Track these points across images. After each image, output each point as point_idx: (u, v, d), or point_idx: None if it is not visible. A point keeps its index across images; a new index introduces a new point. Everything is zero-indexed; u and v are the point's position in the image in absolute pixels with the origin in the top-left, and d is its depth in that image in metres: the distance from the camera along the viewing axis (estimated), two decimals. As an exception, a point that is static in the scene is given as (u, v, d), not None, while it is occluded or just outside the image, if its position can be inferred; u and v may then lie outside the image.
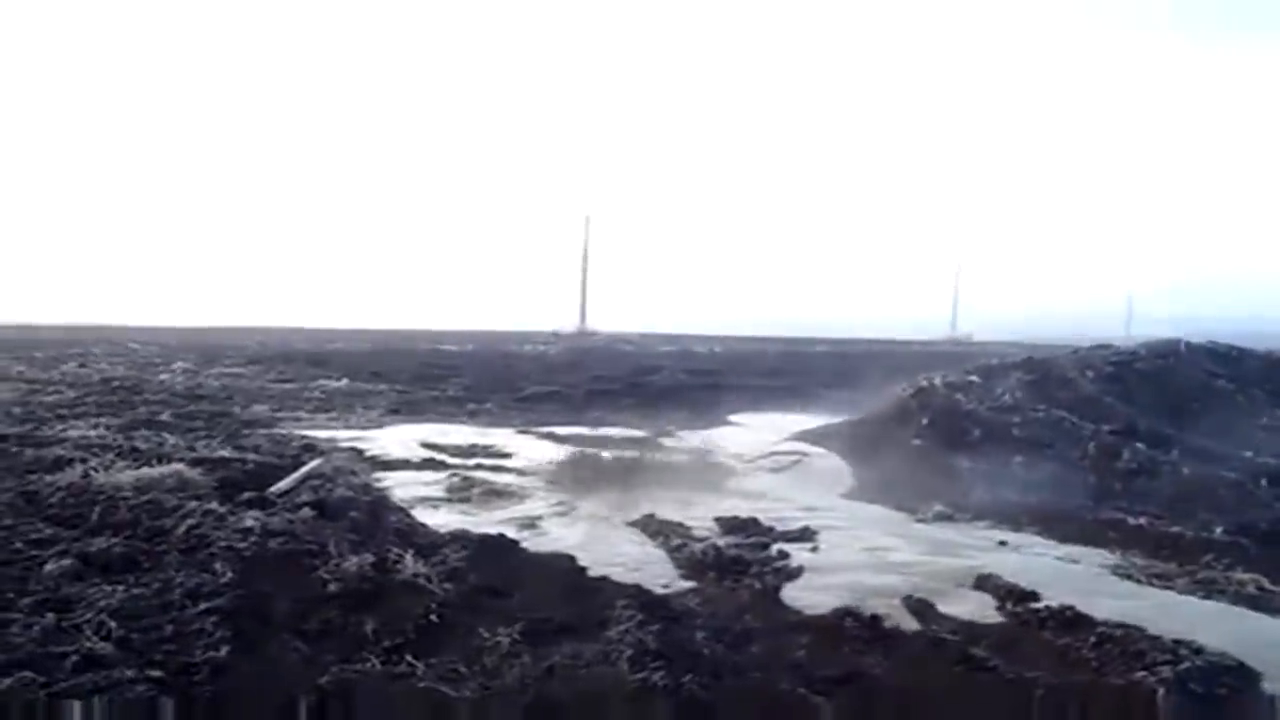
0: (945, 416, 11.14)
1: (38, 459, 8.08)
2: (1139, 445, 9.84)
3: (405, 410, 15.40)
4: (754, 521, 7.70)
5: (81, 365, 19.38)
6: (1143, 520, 7.77)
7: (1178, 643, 4.79)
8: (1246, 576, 6.19)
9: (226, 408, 13.90)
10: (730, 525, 7.63)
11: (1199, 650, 4.69)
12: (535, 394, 18.44)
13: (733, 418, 15.51)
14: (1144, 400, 11.43)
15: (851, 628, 5.15)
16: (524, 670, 4.18)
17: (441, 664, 4.25)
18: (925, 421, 11.09)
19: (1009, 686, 4.37)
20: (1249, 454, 9.78)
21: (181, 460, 8.21)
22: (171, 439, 9.60)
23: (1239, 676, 4.50)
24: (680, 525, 7.44)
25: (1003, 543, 7.29)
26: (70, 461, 7.84)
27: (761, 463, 10.53)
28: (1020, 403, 11.31)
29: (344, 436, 11.72)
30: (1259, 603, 5.80)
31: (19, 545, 5.41)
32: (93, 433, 9.74)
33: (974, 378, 12.19)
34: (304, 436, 11.16)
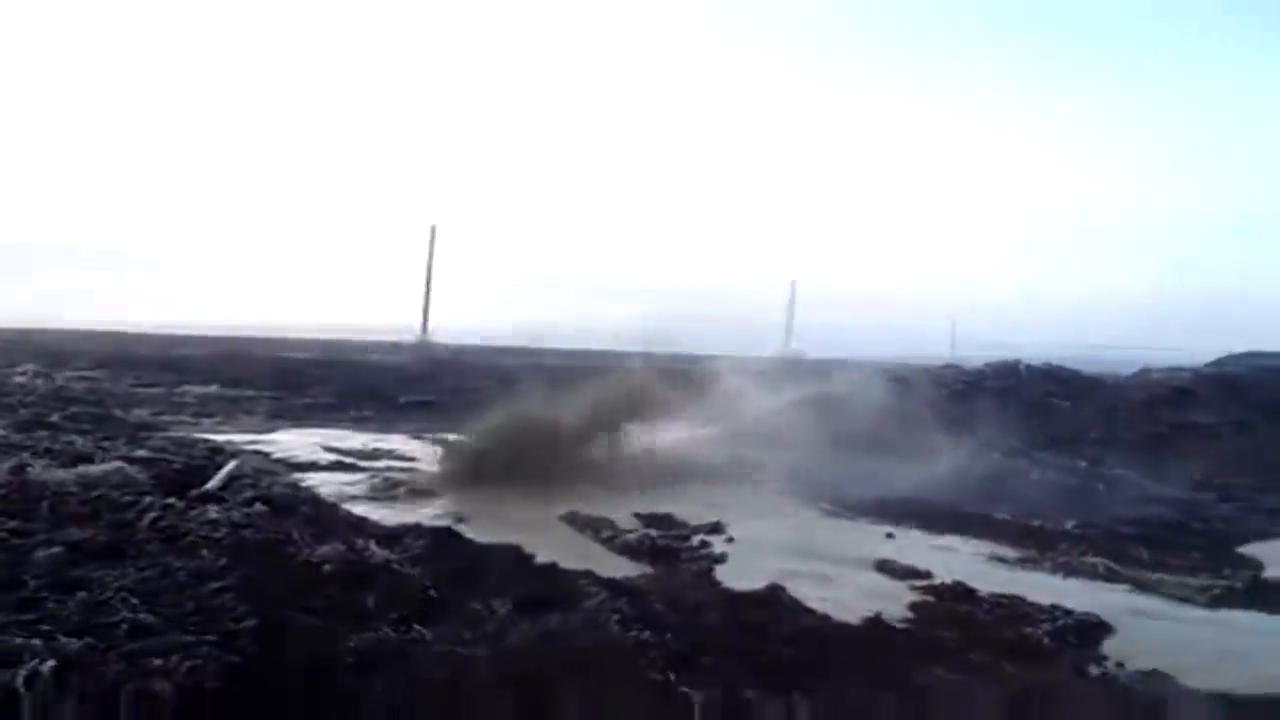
0: (821, 423, 12.17)
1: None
2: (993, 454, 11.13)
3: (288, 416, 15.37)
4: (670, 516, 8.44)
5: (-82, 365, 18.30)
6: (1006, 516, 8.94)
7: (1053, 607, 5.95)
8: (1096, 560, 7.48)
9: (106, 411, 13.56)
10: (649, 520, 8.34)
11: (1069, 612, 5.88)
12: (409, 403, 18.63)
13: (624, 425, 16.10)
14: (992, 415, 12.83)
15: (785, 599, 5.95)
16: (524, 634, 4.74)
17: (449, 631, 4.75)
18: (804, 428, 12.08)
19: (929, 641, 5.25)
20: (1084, 464, 11.21)
21: (103, 460, 8.27)
22: (79, 440, 9.53)
23: (1100, 629, 5.71)
24: (605, 520, 8.08)
25: (890, 535, 8.28)
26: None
27: (657, 464, 11.20)
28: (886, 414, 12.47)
29: (241, 440, 11.76)
30: (1108, 578, 7.09)
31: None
32: (-11, 432, 9.54)
33: (845, 388, 13.33)
34: (205, 440, 11.17)
